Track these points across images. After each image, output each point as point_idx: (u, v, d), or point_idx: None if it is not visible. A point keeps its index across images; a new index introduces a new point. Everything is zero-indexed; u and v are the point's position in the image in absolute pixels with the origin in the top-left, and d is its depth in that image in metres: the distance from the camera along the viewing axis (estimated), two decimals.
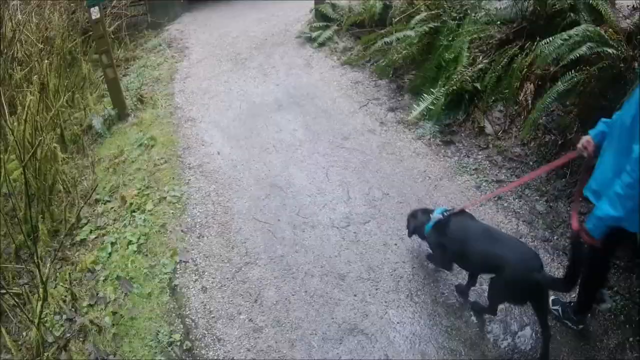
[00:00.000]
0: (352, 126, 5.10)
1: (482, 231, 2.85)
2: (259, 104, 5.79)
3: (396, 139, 4.81)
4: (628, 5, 4.25)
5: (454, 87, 4.64)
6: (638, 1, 4.15)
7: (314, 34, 7.34)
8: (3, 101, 4.21)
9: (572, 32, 3.65)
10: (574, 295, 2.93)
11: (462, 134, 4.68)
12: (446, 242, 2.97)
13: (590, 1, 4.06)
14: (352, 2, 7.32)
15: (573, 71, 3.64)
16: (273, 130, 5.16)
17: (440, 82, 4.84)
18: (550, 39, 3.72)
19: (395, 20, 5.89)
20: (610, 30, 3.74)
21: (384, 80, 5.94)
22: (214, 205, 4.18)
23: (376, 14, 6.54)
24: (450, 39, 4.99)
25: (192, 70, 7.20)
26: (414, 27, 5.35)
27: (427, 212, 3.17)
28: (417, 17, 5.41)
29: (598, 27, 3.71)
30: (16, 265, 3.64)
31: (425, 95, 4.84)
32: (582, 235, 2.31)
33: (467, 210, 3.10)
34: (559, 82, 3.68)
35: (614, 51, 3.48)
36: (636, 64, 3.48)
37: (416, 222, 3.20)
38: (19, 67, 5.42)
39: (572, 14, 4.16)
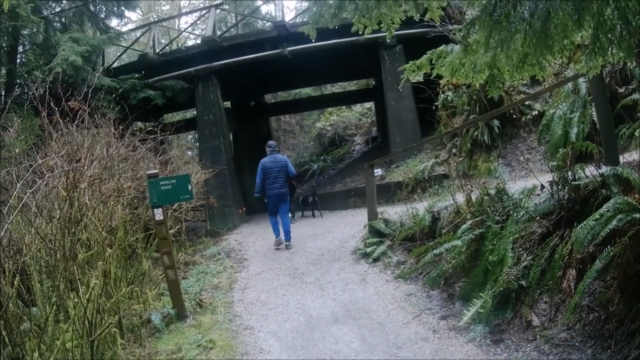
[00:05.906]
0: (406, 336, 5.41)
1: None
2: (316, 317, 6.24)
3: (448, 345, 5.07)
4: None
5: (501, 289, 4.99)
6: None
7: (368, 250, 8.05)
8: (77, 274, 4.80)
9: (602, 210, 4.00)
10: None
11: (511, 331, 4.90)
12: None
13: (618, 172, 4.46)
14: (403, 217, 8.10)
15: (609, 246, 3.92)
16: (330, 342, 5.51)
17: (488, 286, 5.22)
18: (584, 222, 4.05)
19: (444, 231, 6.54)
20: (637, 195, 4.08)
21: (436, 291, 6.36)
22: None
23: (426, 226, 7.26)
24: (494, 242, 5.46)
25: (251, 282, 7.89)
26: (460, 237, 5.94)
27: None
28: (463, 227, 6.03)
29: (626, 197, 4.06)
30: None
31: (474, 300, 5.20)
32: None
33: None
34: (597, 261, 3.95)
35: None
36: None
37: None
38: (82, 249, 5.94)
39: (603, 190, 4.53)
